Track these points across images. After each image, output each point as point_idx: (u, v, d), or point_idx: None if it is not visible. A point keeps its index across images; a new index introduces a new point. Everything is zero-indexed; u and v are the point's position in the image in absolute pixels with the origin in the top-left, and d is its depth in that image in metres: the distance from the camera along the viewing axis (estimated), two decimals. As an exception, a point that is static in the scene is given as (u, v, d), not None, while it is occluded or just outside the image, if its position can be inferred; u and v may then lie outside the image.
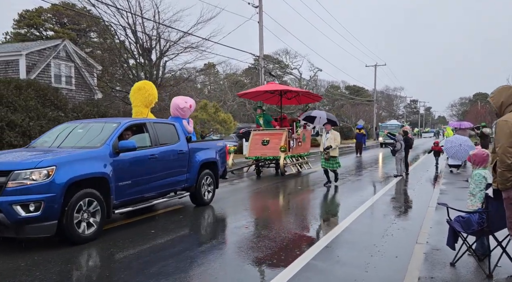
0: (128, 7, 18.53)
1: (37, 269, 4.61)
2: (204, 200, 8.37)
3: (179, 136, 7.89)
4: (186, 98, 9.62)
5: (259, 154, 14.01)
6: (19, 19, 35.57)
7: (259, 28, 24.58)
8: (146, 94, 8.91)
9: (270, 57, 46.50)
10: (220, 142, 9.34)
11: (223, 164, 9.18)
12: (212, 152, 8.72)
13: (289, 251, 5.36)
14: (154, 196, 7.19)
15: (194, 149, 8.14)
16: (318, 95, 18.82)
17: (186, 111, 9.40)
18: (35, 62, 21.05)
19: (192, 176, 8.00)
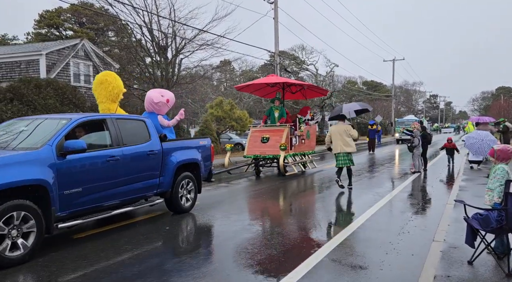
0: (144, 6, 18.70)
1: None
2: (182, 206, 7.34)
3: (150, 134, 6.83)
4: (162, 91, 8.49)
5: (258, 152, 12.97)
6: (39, 20, 36.35)
7: (275, 24, 24.46)
8: (110, 88, 7.71)
9: (286, 53, 46.30)
10: (203, 140, 8.22)
11: (207, 165, 8.18)
12: (193, 151, 7.69)
13: (303, 248, 5.31)
14: (117, 204, 6.14)
15: (170, 148, 7.12)
16: (324, 88, 17.37)
17: (162, 106, 8.17)
18: (54, 61, 21.48)
19: (167, 180, 6.97)
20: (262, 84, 14.62)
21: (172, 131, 8.41)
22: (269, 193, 9.89)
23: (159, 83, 18.90)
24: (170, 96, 8.39)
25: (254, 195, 9.62)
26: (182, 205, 7.37)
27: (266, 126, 13.56)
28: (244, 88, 15.09)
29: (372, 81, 75.52)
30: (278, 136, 12.85)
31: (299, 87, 14.96)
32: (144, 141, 6.69)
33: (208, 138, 8.48)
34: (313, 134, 15.14)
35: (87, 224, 6.53)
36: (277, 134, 12.94)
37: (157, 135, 6.98)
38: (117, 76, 7.99)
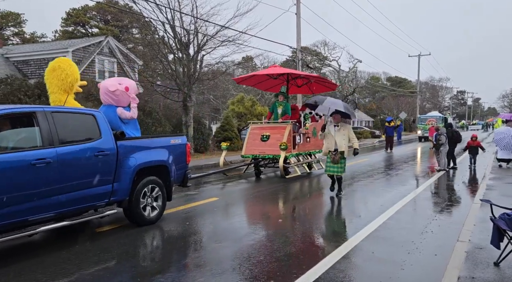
0: (167, 3, 18.85)
1: None
2: (144, 217, 6.15)
3: (101, 131, 5.66)
4: (120, 79, 7.18)
5: (257, 152, 11.74)
6: (66, 18, 37.28)
7: (297, 19, 24.25)
8: (63, 75, 6.52)
9: (308, 49, 45.90)
10: (176, 138, 6.95)
11: (181, 168, 7.00)
12: (160, 152, 6.48)
13: (321, 247, 5.25)
14: (50, 217, 5.02)
15: (128, 148, 5.93)
16: (333, 82, 15.51)
17: (121, 96, 6.76)
18: (80, 58, 21.97)
19: (123, 186, 5.81)
20: (265, 77, 13.41)
21: (137, 128, 7.10)
22: (270, 195, 9.76)
23: (181, 80, 19.05)
24: (130, 83, 7.09)
25: (251, 198, 9.49)
26: (144, 215, 6.16)
27: (267, 123, 12.38)
28: (245, 81, 13.91)
29: (397, 77, 74.04)
30: (279, 134, 11.65)
31: (306, 80, 13.61)
32: (92, 139, 5.53)
33: (183, 136, 7.18)
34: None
35: (109, 219, 6.65)
36: (278, 132, 11.74)
37: (111, 133, 5.80)
38: (72, 63, 6.84)
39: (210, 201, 8.29)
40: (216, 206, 7.86)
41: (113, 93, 6.74)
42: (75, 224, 5.52)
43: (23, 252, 5.04)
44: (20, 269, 4.43)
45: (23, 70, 22.35)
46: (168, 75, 20.00)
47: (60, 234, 5.88)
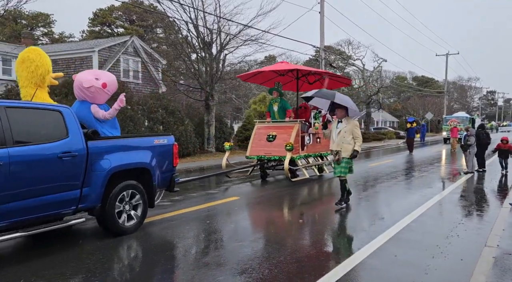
0: (191, 2, 19.02)
1: None
2: (119, 226, 5.49)
3: (69, 130, 5.05)
4: (97, 73, 6.31)
5: (262, 153, 10.97)
6: (93, 18, 38.20)
7: (321, 18, 24.03)
8: (33, 67, 5.86)
9: (332, 48, 45.41)
10: (161, 138, 6.25)
11: (167, 171, 6.30)
12: (141, 153, 5.82)
13: (342, 248, 5.15)
14: (1, 227, 4.42)
15: (101, 149, 5.30)
16: (347, 78, 14.58)
17: (97, 92, 6.00)
18: (106, 58, 22.45)
19: (94, 192, 5.19)
20: (272, 74, 12.50)
21: (116, 127, 6.34)
22: (290, 196, 9.64)
23: (203, 79, 19.18)
24: (108, 79, 6.19)
25: (272, 198, 9.39)
26: (120, 224, 5.50)
27: (274, 122, 11.58)
28: (251, 78, 13.04)
29: (423, 76, 72.45)
30: (286, 134, 10.86)
31: (318, 76, 12.73)
32: (57, 138, 4.93)
33: (170, 136, 6.47)
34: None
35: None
36: (285, 131, 10.94)
37: (80, 131, 5.18)
38: (42, 53, 6.08)
39: (231, 200, 8.28)
40: (236, 205, 7.85)
41: (87, 89, 5.99)
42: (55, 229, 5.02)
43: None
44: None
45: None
46: (191, 75, 20.17)
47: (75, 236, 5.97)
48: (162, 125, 16.11)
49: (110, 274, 4.24)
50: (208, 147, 19.45)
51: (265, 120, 11.86)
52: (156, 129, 15.73)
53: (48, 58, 6.15)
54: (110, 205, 5.38)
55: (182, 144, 16.36)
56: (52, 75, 6.17)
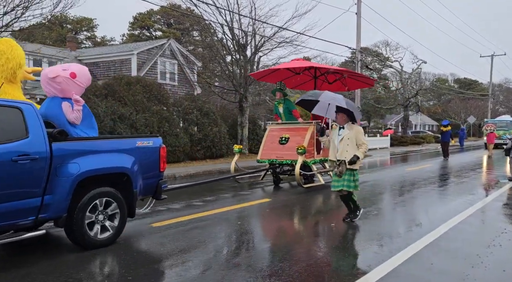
0: (227, 5, 19.24)
1: None
2: (90, 238, 4.86)
3: (28, 129, 4.49)
4: (65, 65, 5.56)
5: (274, 157, 10.23)
6: (133, 22, 39.49)
7: (357, 19, 23.63)
8: (3, 60, 5.34)
9: (369, 49, 44.55)
10: (145, 139, 5.59)
11: (152, 177, 5.65)
12: (121, 156, 5.19)
13: (375, 254, 5.00)
14: None
15: (69, 151, 4.74)
16: (370, 78, 13.31)
17: (65, 83, 5.27)
18: (144, 60, 23.11)
19: (59, 200, 4.59)
20: (288, 73, 11.67)
21: (93, 126, 5.66)
22: (321, 199, 9.48)
23: (237, 81, 19.33)
24: (78, 68, 5.46)
25: (303, 201, 9.23)
26: (91, 236, 4.87)
27: (287, 124, 10.84)
28: (265, 77, 12.29)
29: (466, 78, 69.54)
30: (300, 136, 10.08)
31: (338, 75, 11.76)
32: (14, 138, 4.37)
33: (158, 138, 5.81)
34: None
35: (165, 213, 6.86)
36: (299, 134, 10.18)
37: (44, 132, 4.60)
38: (15, 45, 5.54)
39: (262, 202, 8.27)
40: (268, 207, 7.82)
41: (53, 80, 5.24)
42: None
43: None
44: None
45: (93, 72, 23.93)
46: (225, 77, 20.39)
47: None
48: (196, 127, 16.37)
49: (191, 252, 4.46)
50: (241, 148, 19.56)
51: (277, 122, 11.28)
52: (191, 130, 15.99)
53: (21, 51, 5.55)
54: (79, 214, 4.74)
55: (216, 145, 16.54)
56: (27, 70, 5.62)
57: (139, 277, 4.15)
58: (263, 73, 12.11)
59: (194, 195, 8.88)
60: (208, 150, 16.48)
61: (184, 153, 15.32)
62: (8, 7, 12.19)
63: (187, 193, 8.94)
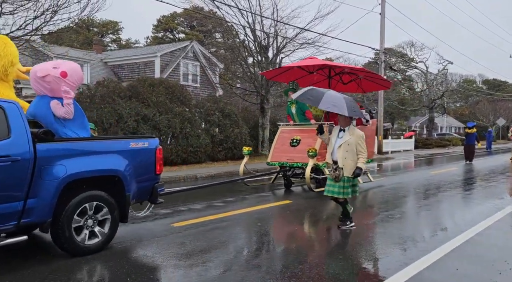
0: (249, 7, 19.32)
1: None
2: (77, 244, 4.61)
3: (11, 129, 4.31)
4: (57, 62, 5.23)
5: (284, 159, 9.79)
6: (157, 25, 40.17)
7: (381, 20, 23.31)
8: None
9: (393, 50, 43.80)
10: (140, 140, 5.33)
11: (147, 180, 5.37)
12: (113, 158, 4.94)
13: (398, 258, 4.89)
14: None
15: (55, 152, 4.48)
16: (387, 80, 12.53)
17: (55, 83, 4.95)
18: (167, 62, 23.45)
19: (43, 204, 4.34)
20: (299, 71, 11.04)
21: (85, 127, 5.33)
22: (330, 204, 9.35)
23: (259, 82, 19.35)
24: (69, 67, 5.10)
25: (325, 203, 9.12)
26: (78, 242, 4.61)
27: (299, 125, 10.44)
28: (277, 77, 11.76)
29: (495, 79, 67.45)
30: (311, 138, 9.54)
31: (353, 76, 11.16)
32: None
33: (154, 139, 5.53)
34: (371, 137, 11.24)
35: (186, 213, 6.92)
36: (310, 136, 9.58)
37: (27, 132, 4.38)
38: (8, 42, 5.33)
39: (283, 203, 8.23)
40: (288, 208, 7.79)
41: (43, 79, 4.96)
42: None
43: None
44: None
45: (118, 74, 24.48)
46: (247, 78, 20.45)
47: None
48: (218, 128, 16.47)
49: (211, 252, 4.51)
50: (262, 149, 19.56)
51: (289, 123, 10.79)
52: (212, 131, 16.10)
53: (14, 48, 5.36)
54: (66, 219, 4.48)
55: (237, 147, 16.59)
56: (22, 69, 5.44)
57: (159, 276, 4.20)
58: (275, 72, 11.62)
59: (215, 195, 8.93)
60: (229, 151, 16.56)
61: (206, 154, 15.44)
62: (38, 11, 12.58)
63: (207, 193, 9.01)
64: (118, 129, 12.70)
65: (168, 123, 14.13)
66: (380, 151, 23.66)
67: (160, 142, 13.88)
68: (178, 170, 13.42)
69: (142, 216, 5.87)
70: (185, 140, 14.66)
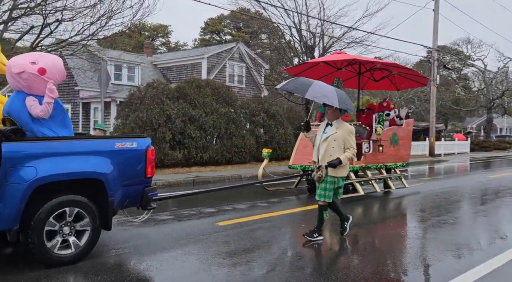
0: (295, 7, 19.22)
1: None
2: (50, 254, 4.15)
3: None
4: (36, 56, 4.66)
5: (307, 162, 8.83)
6: (204, 27, 41.11)
7: (434, 16, 22.29)
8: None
9: (447, 48, 41.73)
10: (127, 140, 4.82)
11: (135, 184, 4.83)
12: (94, 160, 4.46)
13: (453, 266, 4.61)
14: None
15: (22, 153, 4.05)
16: (424, 76, 11.36)
17: (32, 80, 4.42)
18: (214, 64, 23.89)
19: (8, 210, 3.93)
20: (326, 67, 10.12)
21: (67, 126, 4.78)
22: (377, 207, 8.92)
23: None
24: (48, 63, 4.53)
25: (350, 210, 8.77)
26: (50, 252, 4.14)
27: None
28: (303, 73, 10.58)
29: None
30: None
31: (386, 72, 10.17)
32: None
33: (145, 138, 5.01)
34: (407, 138, 10.18)
35: (231, 212, 6.96)
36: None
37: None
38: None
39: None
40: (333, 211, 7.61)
41: (19, 76, 4.42)
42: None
43: None
44: None
45: (167, 76, 25.28)
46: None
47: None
48: (262, 128, 16.49)
49: (255, 253, 4.53)
50: (308, 150, 19.36)
51: (313, 124, 9.89)
52: (257, 131, 16.15)
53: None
54: (36, 227, 4.03)
55: (282, 147, 16.52)
56: (3, 61, 4.90)
57: (203, 273, 4.24)
58: (300, 68, 10.58)
59: (258, 196, 8.93)
60: (274, 151, 16.51)
61: (250, 154, 15.50)
62: (94, 17, 13.29)
63: (251, 193, 9.03)
64: (166, 130, 13.06)
65: (214, 124, 14.34)
66: (432, 153, 22.64)
67: (206, 142, 14.31)
68: (223, 169, 13.59)
69: (139, 222, 5.52)
70: (230, 140, 14.80)
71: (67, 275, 4.07)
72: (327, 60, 10.01)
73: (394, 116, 9.95)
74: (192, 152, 13.67)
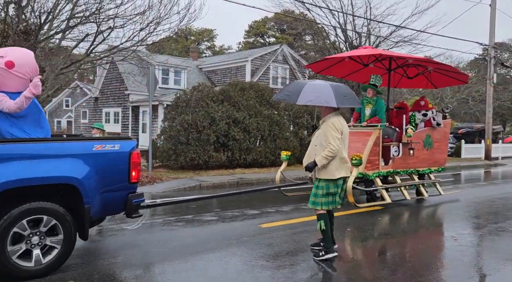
0: (340, 7, 18.90)
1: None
2: (12, 268, 3.76)
3: None
4: (5, 50, 4.33)
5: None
6: (248, 30, 41.51)
7: (491, 12, 21.07)
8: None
9: (505, 45, 39.26)
10: (107, 143, 4.38)
11: (117, 190, 4.42)
12: (68, 163, 4.07)
13: (510, 276, 4.30)
14: None
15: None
16: (463, 73, 10.24)
17: (0, 75, 4.09)
18: (257, 66, 24.01)
19: None
20: (352, 64, 9.36)
21: (41, 125, 4.42)
22: (427, 213, 8.43)
23: (349, 84, 18.79)
24: (16, 56, 4.20)
25: (396, 214, 8.33)
26: (13, 265, 3.77)
27: (351, 127, 8.33)
28: (327, 70, 9.89)
29: None
30: (361, 142, 8.03)
31: (421, 68, 9.18)
32: None
33: (130, 140, 4.61)
34: (443, 141, 9.30)
35: (274, 214, 6.93)
36: (360, 140, 8.10)
37: None
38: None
39: (373, 210, 7.82)
40: (379, 215, 7.37)
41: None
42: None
43: None
44: None
45: (212, 79, 25.75)
46: (337, 80, 19.99)
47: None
48: (306, 131, 16.33)
49: (277, 254, 4.46)
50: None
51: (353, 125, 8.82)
52: (300, 134, 16.02)
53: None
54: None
55: (326, 149, 16.28)
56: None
57: (246, 274, 4.24)
58: (324, 65, 9.70)
59: (303, 198, 8.83)
60: (317, 153, 16.30)
61: (294, 157, 15.38)
62: (144, 23, 13.81)
63: (296, 196, 8.93)
64: (211, 132, 13.29)
65: (257, 126, 14.39)
66: (488, 156, 21.45)
67: (249, 144, 14.39)
68: (267, 171, 13.60)
69: (132, 229, 5.32)
70: (273, 142, 14.80)
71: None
72: (352, 55, 9.25)
73: (432, 117, 9.12)
74: (236, 153, 13.81)
